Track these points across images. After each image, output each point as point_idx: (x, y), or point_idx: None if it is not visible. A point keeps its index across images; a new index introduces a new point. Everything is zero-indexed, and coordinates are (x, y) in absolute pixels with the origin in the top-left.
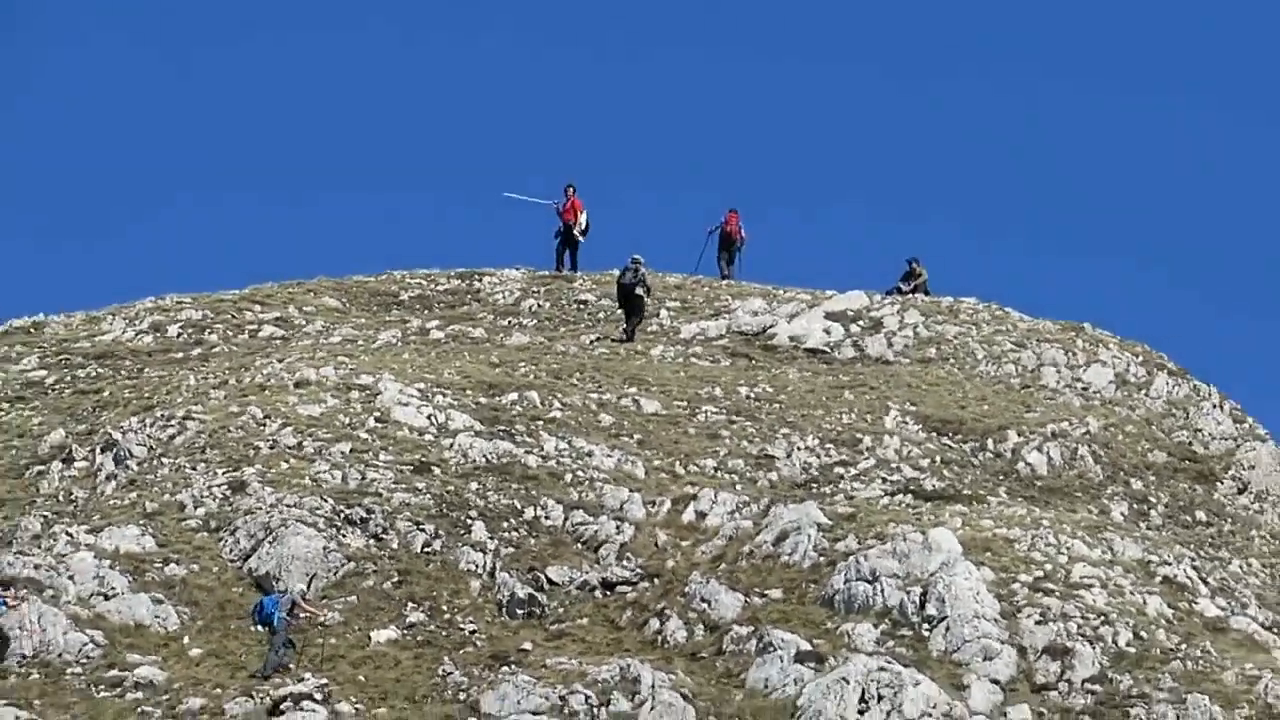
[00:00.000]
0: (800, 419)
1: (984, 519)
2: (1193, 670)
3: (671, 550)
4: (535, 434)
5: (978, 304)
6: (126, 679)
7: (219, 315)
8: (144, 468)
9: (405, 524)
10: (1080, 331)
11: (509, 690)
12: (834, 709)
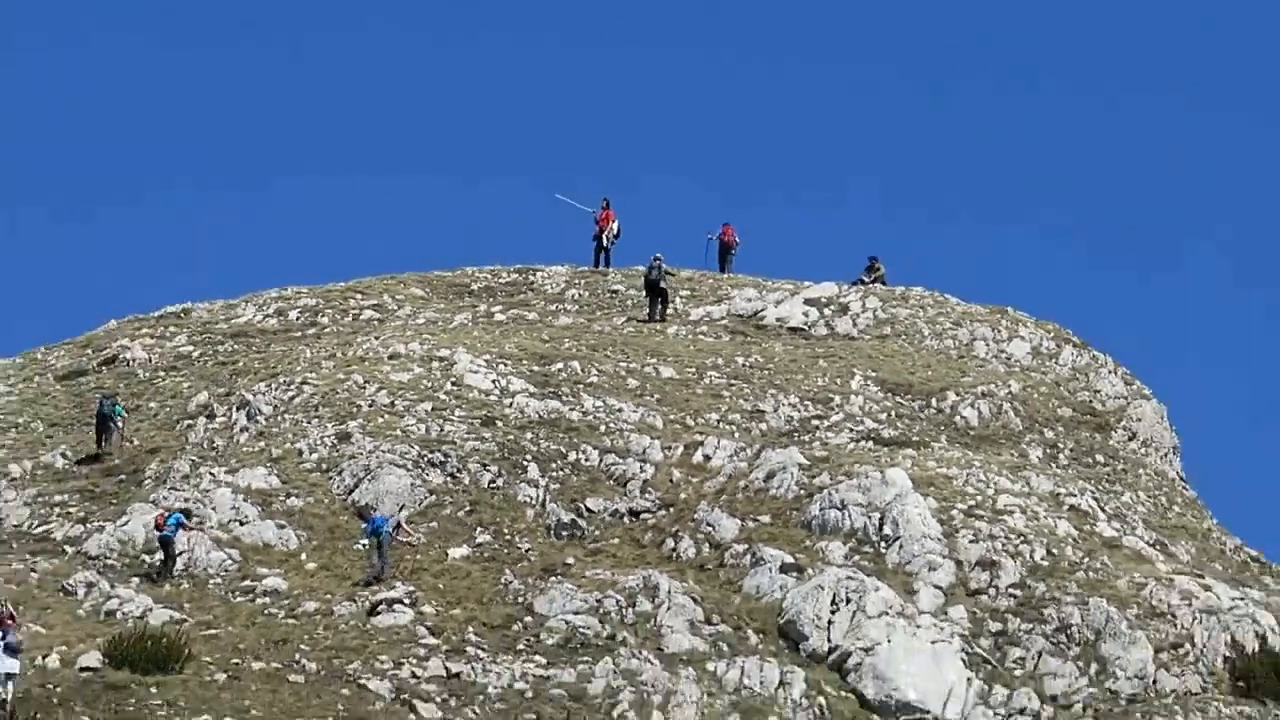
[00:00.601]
0: (784, 382)
1: (929, 461)
2: (1093, 579)
3: (683, 485)
4: (577, 395)
5: (924, 292)
6: (256, 587)
7: (329, 302)
8: (270, 422)
9: (475, 465)
10: (1004, 313)
11: (556, 595)
12: (811, 609)
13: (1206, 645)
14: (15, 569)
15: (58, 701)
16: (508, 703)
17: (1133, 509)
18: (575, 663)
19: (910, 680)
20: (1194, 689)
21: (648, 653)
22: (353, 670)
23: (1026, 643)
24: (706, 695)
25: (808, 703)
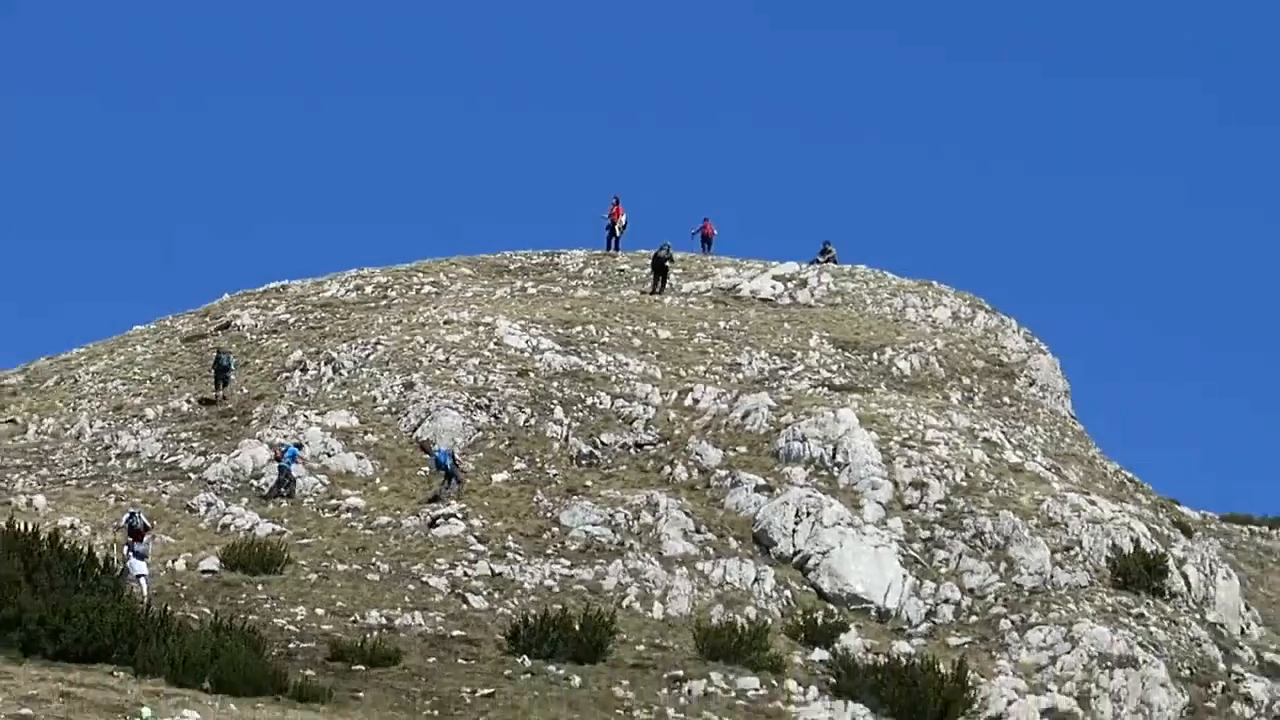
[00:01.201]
0: (757, 341)
1: (871, 403)
2: (1002, 496)
3: (677, 423)
4: (593, 351)
5: (866, 269)
6: (340, 506)
7: (396, 280)
8: (350, 375)
9: (513, 408)
10: (930, 286)
11: (577, 510)
12: (779, 521)
13: (1092, 548)
14: (150, 492)
15: (184, 596)
16: (540, 596)
17: (1032, 440)
18: (593, 564)
19: (858, 577)
20: (1082, 583)
21: (650, 555)
22: (417, 570)
23: (949, 546)
24: (696, 589)
25: (777, 595)
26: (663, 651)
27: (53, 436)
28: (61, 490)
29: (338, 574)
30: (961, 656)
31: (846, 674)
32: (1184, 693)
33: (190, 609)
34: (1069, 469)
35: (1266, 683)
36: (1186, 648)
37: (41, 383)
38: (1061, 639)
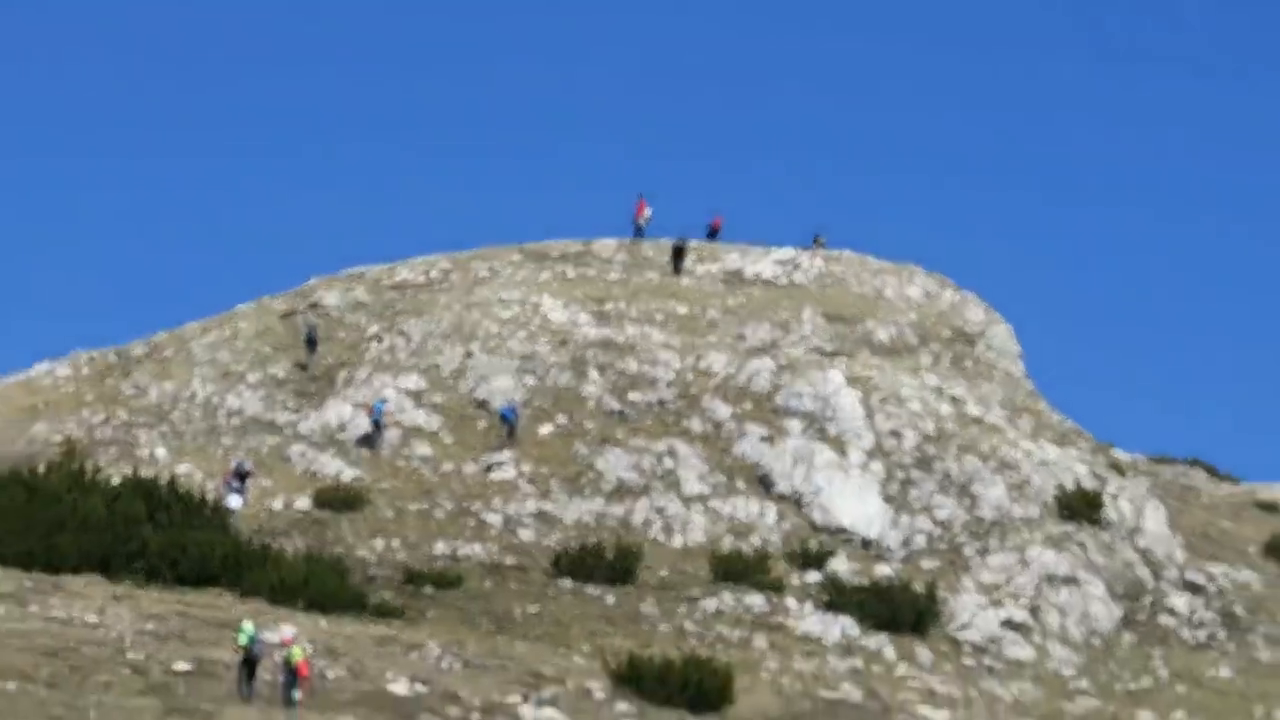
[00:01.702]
0: (759, 315)
1: (856, 366)
2: (966, 443)
3: (693, 384)
4: (622, 324)
5: (852, 254)
6: (412, 455)
7: (457, 265)
8: (419, 345)
9: (555, 371)
10: (905, 268)
11: (610, 457)
12: (779, 465)
13: (1041, 486)
14: (253, 444)
15: (281, 531)
16: (578, 529)
17: (991, 396)
18: (623, 502)
19: (845, 511)
20: (1033, 515)
21: (671, 495)
22: (476, 509)
23: (922, 486)
24: (710, 523)
25: (777, 527)
26: (682, 575)
27: (171, 398)
28: (178, 443)
29: (409, 512)
30: (932, 578)
31: (836, 592)
32: (1119, 606)
33: (286, 542)
34: (1021, 420)
35: (1188, 597)
36: (1121, 569)
37: (161, 353)
38: (1016, 562)
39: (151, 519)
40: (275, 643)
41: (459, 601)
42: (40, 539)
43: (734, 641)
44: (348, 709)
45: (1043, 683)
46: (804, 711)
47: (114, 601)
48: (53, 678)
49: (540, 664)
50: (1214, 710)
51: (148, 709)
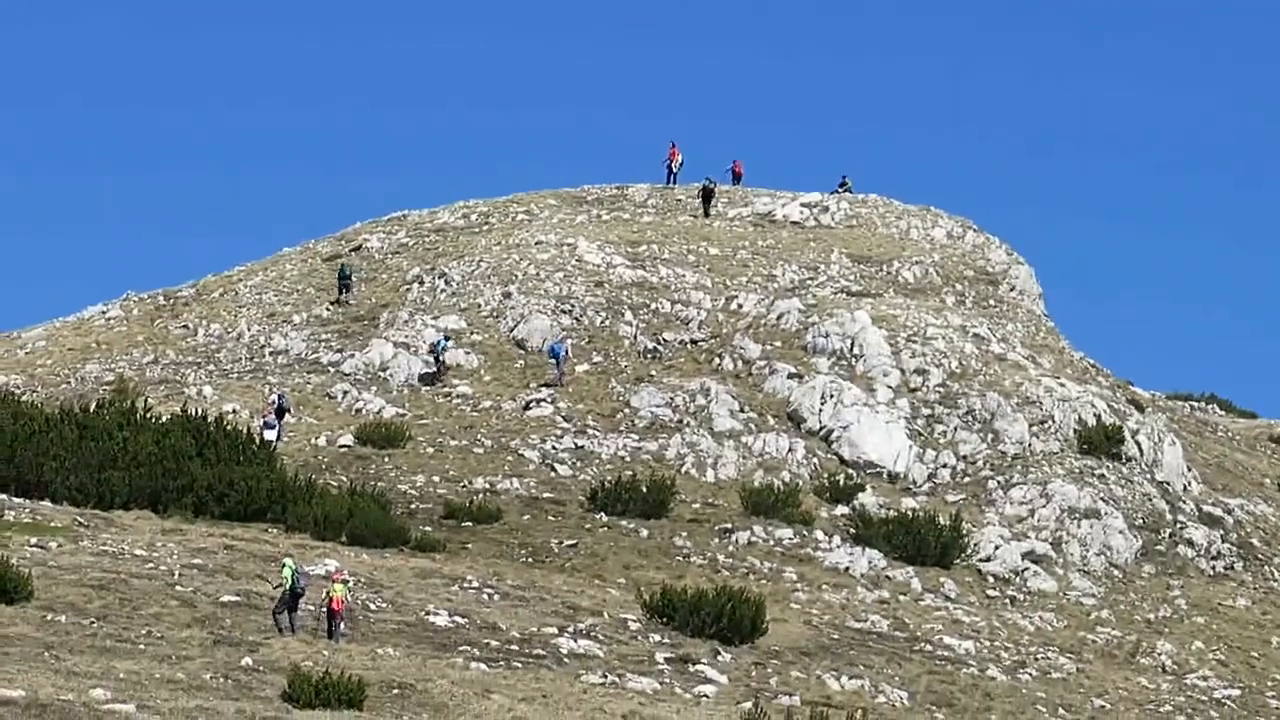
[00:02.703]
0: (788, 256)
1: (882, 306)
2: (989, 380)
3: (724, 323)
4: (655, 265)
5: (878, 197)
6: (452, 392)
7: (496, 209)
8: (459, 286)
9: (591, 312)
10: (929, 211)
11: (645, 395)
12: (808, 402)
13: (1062, 421)
14: (297, 382)
15: (325, 467)
16: (614, 464)
17: (1013, 335)
18: (657, 438)
19: (872, 446)
20: (1054, 450)
21: (703, 431)
22: (514, 444)
23: (946, 421)
24: (741, 458)
25: (806, 462)
26: (714, 509)
27: (218, 339)
28: (225, 382)
29: (450, 448)
30: (957, 510)
31: (863, 525)
32: (1138, 538)
33: (330, 477)
34: (1043, 358)
35: (1205, 529)
36: (1139, 502)
37: (209, 295)
38: (1038, 495)
39: (199, 455)
40: (321, 575)
41: (497, 535)
42: (92, 475)
43: (764, 573)
44: (389, 640)
45: (1064, 613)
46: (833, 641)
47: (163, 536)
48: (104, 610)
49: (576, 596)
50: (1231, 639)
51: (195, 640)
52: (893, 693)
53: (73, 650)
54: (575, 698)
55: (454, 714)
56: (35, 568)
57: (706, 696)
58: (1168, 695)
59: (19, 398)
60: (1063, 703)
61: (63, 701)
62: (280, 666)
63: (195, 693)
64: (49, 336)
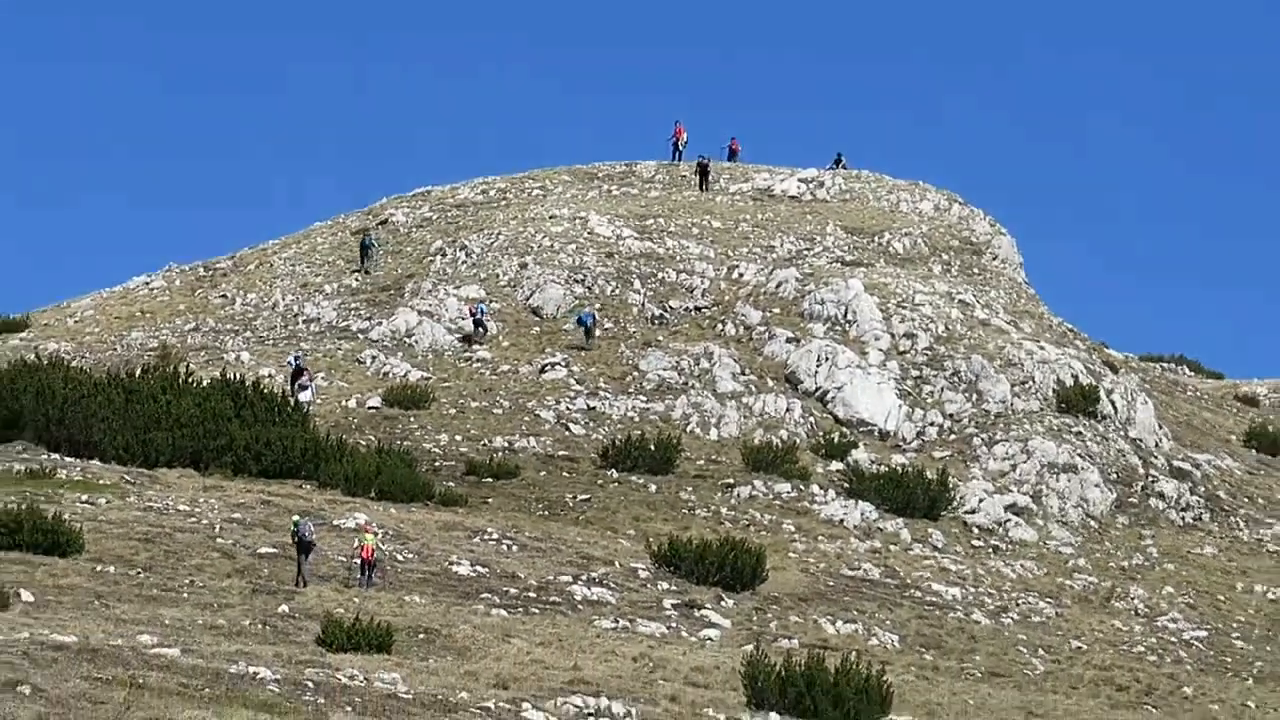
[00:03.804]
0: (786, 229)
1: (874, 275)
2: (973, 344)
3: (726, 291)
4: (662, 238)
5: (869, 173)
6: (472, 357)
7: (513, 185)
8: (478, 258)
9: (602, 281)
10: (917, 185)
11: (652, 358)
12: (805, 364)
13: (1041, 382)
14: (329, 349)
15: (355, 427)
16: (624, 424)
17: (995, 301)
18: (664, 399)
19: (864, 406)
20: (1034, 409)
21: (707, 392)
22: (531, 406)
23: (933, 382)
24: (742, 417)
25: (803, 420)
26: (717, 465)
27: (254, 307)
28: (261, 348)
29: (471, 409)
30: (944, 466)
31: (857, 480)
32: (1112, 491)
33: (359, 437)
34: (1023, 323)
35: (1174, 483)
36: (1114, 457)
37: (245, 266)
38: (1019, 451)
39: (238, 417)
40: (351, 528)
41: (516, 490)
42: (137, 436)
43: (764, 525)
44: (416, 588)
45: (1044, 561)
46: (828, 588)
47: (204, 492)
48: (150, 561)
49: (590, 547)
50: (1199, 585)
51: (235, 589)
52: (884, 636)
53: (121, 599)
54: (589, 641)
55: (476, 657)
56: (86, 523)
57: (711, 640)
58: (1140, 637)
59: (69, 364)
60: (1042, 644)
61: (112, 646)
62: (314, 613)
63: (235, 638)
64: (96, 306)
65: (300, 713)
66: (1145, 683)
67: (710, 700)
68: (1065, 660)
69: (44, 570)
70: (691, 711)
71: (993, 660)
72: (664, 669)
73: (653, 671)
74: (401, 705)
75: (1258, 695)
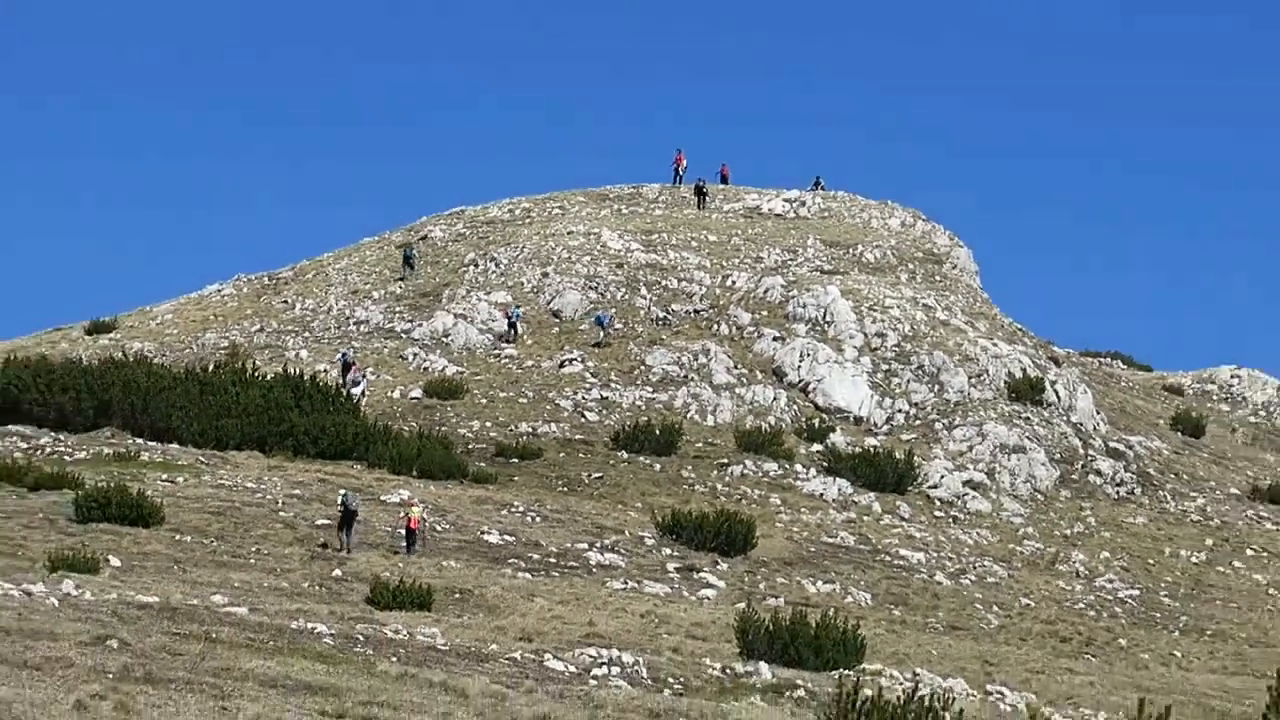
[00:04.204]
0: (772, 242)
1: (849, 282)
2: (935, 341)
3: (721, 296)
4: (665, 250)
5: (845, 194)
6: (501, 353)
7: (536, 205)
8: (506, 268)
9: (613, 288)
10: (886, 204)
11: (657, 355)
12: (789, 359)
13: (994, 374)
14: (376, 347)
15: (399, 415)
16: (632, 411)
17: (955, 305)
18: (667, 390)
19: (841, 395)
20: (988, 397)
21: (704, 384)
22: (551, 396)
23: (901, 375)
24: (735, 406)
25: (788, 408)
26: (713, 447)
27: (312, 311)
28: (317, 347)
29: (499, 399)
30: (910, 447)
31: (834, 459)
32: (1056, 469)
33: (403, 423)
34: (979, 323)
35: (1110, 461)
36: (1058, 439)
37: (304, 276)
38: (975, 435)
39: (297, 406)
40: (397, 502)
41: (539, 469)
42: (210, 423)
43: (754, 499)
44: (452, 554)
45: (997, 530)
46: (810, 553)
47: (268, 472)
48: (221, 532)
49: (603, 518)
50: (1132, 550)
51: (295, 555)
52: (859, 595)
53: (196, 564)
54: (602, 600)
55: (504, 614)
56: (165, 498)
57: (708, 599)
58: (1081, 595)
59: (151, 360)
60: (996, 602)
61: (189, 605)
62: (364, 576)
63: (295, 598)
64: (175, 310)
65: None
66: (1085, 635)
67: (707, 651)
68: (1016, 616)
69: (130, 539)
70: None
71: (953, 615)
72: (667, 624)
73: (658, 626)
74: (440, 656)
75: (1183, 645)
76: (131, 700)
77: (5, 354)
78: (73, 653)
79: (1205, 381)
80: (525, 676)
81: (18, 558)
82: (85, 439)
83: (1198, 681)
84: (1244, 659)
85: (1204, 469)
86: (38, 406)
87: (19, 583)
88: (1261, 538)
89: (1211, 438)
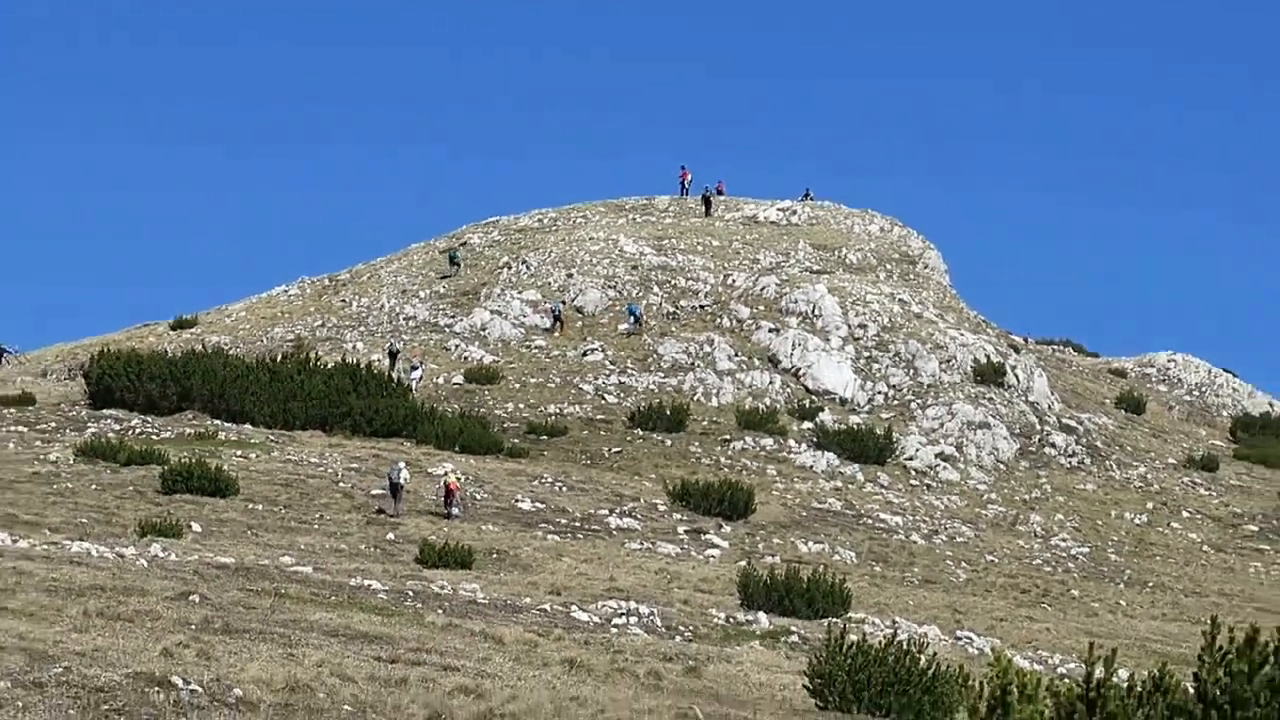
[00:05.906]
0: (768, 246)
1: (835, 280)
2: (910, 332)
3: (722, 293)
4: (674, 253)
5: (830, 203)
6: (532, 344)
7: (561, 215)
8: (536, 269)
9: (629, 287)
10: (867, 212)
11: (667, 344)
12: (783, 348)
13: (962, 360)
14: (423, 339)
15: (443, 398)
16: (647, 394)
17: (927, 300)
18: (676, 375)
19: (828, 378)
20: (956, 380)
21: (709, 370)
22: (576, 381)
23: (881, 361)
24: (735, 389)
25: (782, 391)
26: (717, 425)
27: (367, 308)
28: (372, 339)
29: (530, 384)
30: (889, 424)
31: (823, 435)
32: (1016, 442)
33: (447, 405)
34: (948, 315)
35: (1063, 436)
36: (1017, 417)
37: (360, 278)
38: (946, 413)
39: (355, 391)
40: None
41: (565, 445)
42: (279, 406)
43: (753, 470)
44: (490, 520)
45: (965, 496)
46: (802, 518)
47: (330, 448)
48: (289, 500)
49: (621, 487)
50: (1082, 512)
51: (353, 520)
52: (844, 553)
53: (267, 529)
54: (621, 559)
55: (536, 571)
56: (240, 472)
57: (713, 557)
58: (1038, 552)
59: (227, 352)
60: (964, 558)
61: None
62: (413, 539)
63: (354, 558)
64: (247, 309)
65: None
66: (1042, 587)
67: (713, 603)
68: (981, 571)
69: (209, 508)
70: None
71: (926, 571)
72: (678, 579)
73: (670, 581)
74: (480, 608)
75: (1127, 596)
76: (211, 649)
77: (100, 347)
78: (160, 607)
79: (1145, 365)
80: (554, 625)
81: (112, 524)
82: (170, 421)
83: (1141, 628)
84: (1180, 608)
85: (1145, 442)
86: (128, 393)
87: (113, 546)
88: (1195, 501)
89: (1151, 414)
